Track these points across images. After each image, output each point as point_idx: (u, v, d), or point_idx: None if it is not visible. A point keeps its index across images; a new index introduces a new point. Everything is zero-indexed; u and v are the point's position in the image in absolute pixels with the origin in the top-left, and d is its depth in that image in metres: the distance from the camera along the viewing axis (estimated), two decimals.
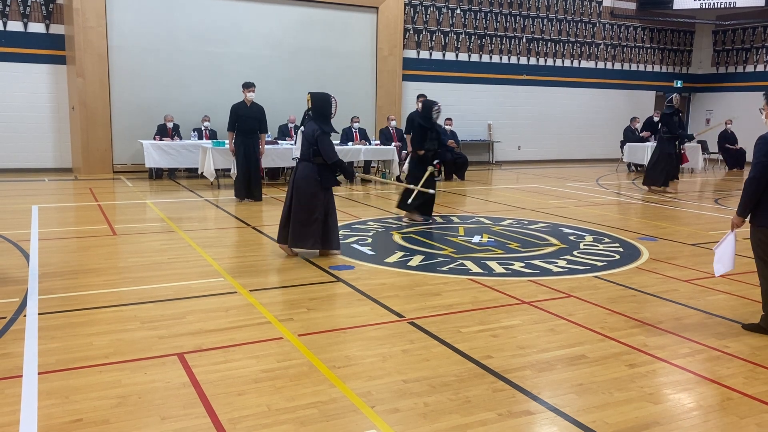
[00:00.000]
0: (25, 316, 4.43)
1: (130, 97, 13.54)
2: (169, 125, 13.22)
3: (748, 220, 4.31)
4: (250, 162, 9.93)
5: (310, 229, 6.19)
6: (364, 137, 13.59)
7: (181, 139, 13.20)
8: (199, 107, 13.87)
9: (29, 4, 13.10)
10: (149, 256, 6.30)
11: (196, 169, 12.26)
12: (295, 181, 6.25)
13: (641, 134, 16.12)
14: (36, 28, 13.27)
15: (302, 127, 6.30)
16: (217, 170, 11.49)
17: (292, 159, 6.50)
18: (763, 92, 4.36)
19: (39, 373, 3.49)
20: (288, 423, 2.99)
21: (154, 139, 12.93)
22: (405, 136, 11.08)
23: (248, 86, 9.85)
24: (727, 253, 4.37)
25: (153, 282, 5.37)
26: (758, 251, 4.29)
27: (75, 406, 3.12)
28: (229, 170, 12.75)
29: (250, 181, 9.99)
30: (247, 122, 9.83)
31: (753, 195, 4.15)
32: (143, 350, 3.85)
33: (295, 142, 6.38)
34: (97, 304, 4.73)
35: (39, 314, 4.46)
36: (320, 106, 6.20)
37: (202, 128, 13.42)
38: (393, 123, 13.90)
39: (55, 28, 13.41)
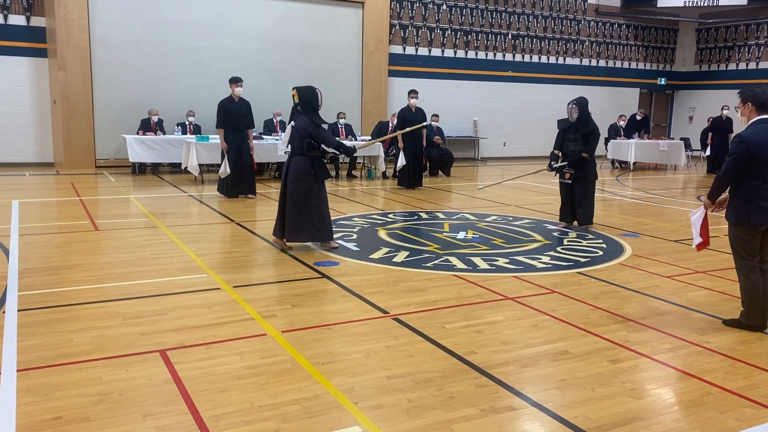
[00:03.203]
0: (4, 312, 4.37)
1: (113, 91, 13.39)
2: (154, 119, 13.10)
3: (725, 217, 4.40)
4: (243, 158, 9.78)
5: (304, 222, 6.28)
6: (350, 133, 13.55)
7: (164, 133, 13.09)
8: (183, 102, 13.76)
9: None
10: (132, 252, 6.24)
11: (180, 164, 12.15)
12: (288, 176, 6.30)
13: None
14: (16, 20, 13.06)
15: (292, 122, 6.35)
16: (200, 165, 11.41)
17: (284, 153, 6.56)
18: (738, 91, 4.42)
19: (18, 370, 3.44)
20: (271, 420, 2.98)
21: (138, 133, 12.82)
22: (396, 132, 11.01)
23: (236, 81, 9.67)
24: (696, 227, 4.57)
25: (135, 278, 5.32)
26: (736, 247, 4.36)
27: (55, 404, 3.08)
28: (213, 165, 12.70)
29: (242, 177, 9.82)
30: (236, 119, 9.65)
31: (720, 188, 4.36)
32: (125, 347, 3.81)
33: (282, 137, 6.41)
34: (78, 301, 4.68)
35: (19, 310, 4.40)
36: (308, 100, 6.27)
37: (186, 123, 13.31)
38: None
39: (36, 21, 13.21)
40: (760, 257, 4.32)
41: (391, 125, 13.19)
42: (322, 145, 6.31)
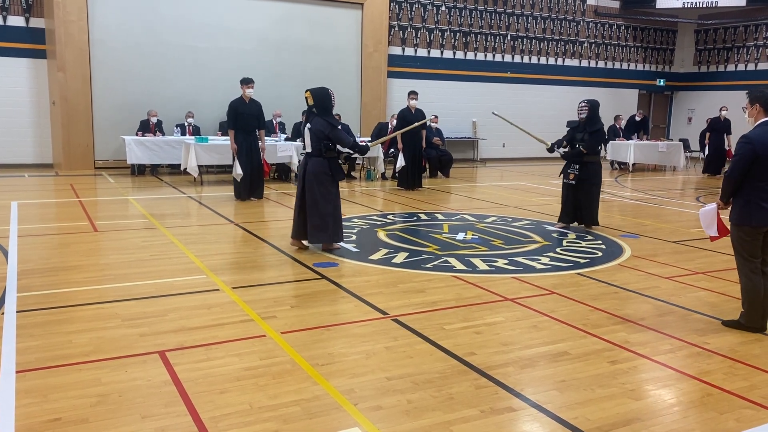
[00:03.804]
0: (3, 313, 4.36)
1: (112, 92, 13.38)
2: (153, 120, 13.09)
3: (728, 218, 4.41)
4: (253, 160, 9.72)
5: (326, 223, 6.34)
6: (348, 134, 13.52)
7: (163, 134, 13.08)
8: (182, 102, 13.75)
9: None
10: (131, 253, 6.23)
11: (179, 165, 12.14)
12: (306, 177, 6.35)
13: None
14: (15, 21, 13.06)
15: (308, 124, 6.39)
16: (200, 166, 11.40)
17: (300, 154, 6.63)
18: (746, 91, 4.46)
19: (17, 372, 3.43)
20: (270, 421, 2.98)
21: (137, 134, 12.81)
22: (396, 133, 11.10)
23: (247, 82, 9.59)
24: (708, 220, 4.55)
25: (134, 279, 5.31)
26: (738, 248, 4.36)
27: (54, 405, 3.08)
28: (212, 167, 12.71)
29: (251, 179, 9.74)
30: (247, 120, 9.58)
31: (729, 189, 4.34)
32: (124, 348, 3.81)
33: (303, 140, 6.49)
34: (77, 302, 4.67)
35: (17, 312, 4.40)
36: (322, 101, 6.33)
37: (186, 124, 13.30)
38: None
39: (36, 22, 13.21)
40: (762, 258, 4.33)
41: (390, 126, 13.18)
42: (338, 146, 6.38)
